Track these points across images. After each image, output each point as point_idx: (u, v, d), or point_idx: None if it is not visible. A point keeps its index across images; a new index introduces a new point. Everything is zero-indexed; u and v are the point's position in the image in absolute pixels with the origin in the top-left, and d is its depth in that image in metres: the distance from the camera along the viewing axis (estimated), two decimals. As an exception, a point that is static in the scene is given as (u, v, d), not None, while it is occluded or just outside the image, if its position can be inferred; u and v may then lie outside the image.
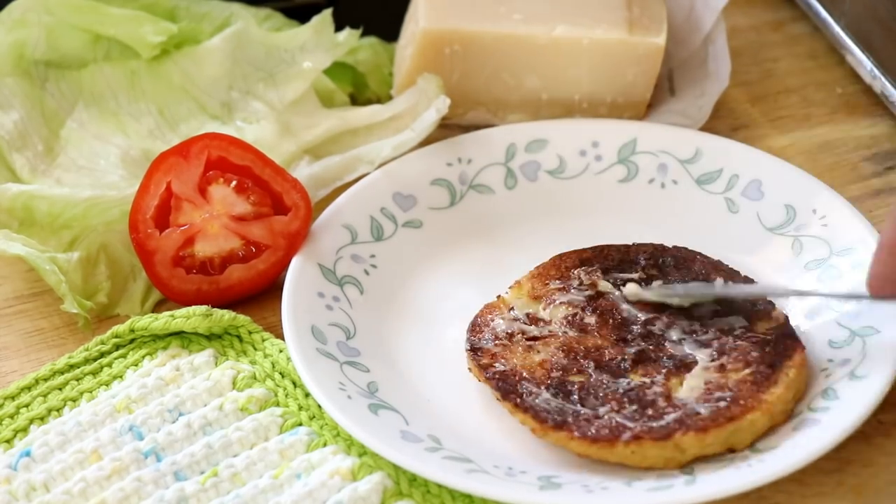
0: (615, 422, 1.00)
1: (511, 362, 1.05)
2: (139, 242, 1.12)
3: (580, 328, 1.07)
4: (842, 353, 1.04)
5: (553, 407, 1.01)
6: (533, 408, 1.01)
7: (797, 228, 1.14)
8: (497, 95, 1.25)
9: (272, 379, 1.07)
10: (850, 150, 1.28)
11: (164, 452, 1.02)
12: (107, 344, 1.10)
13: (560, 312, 1.09)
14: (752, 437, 1.00)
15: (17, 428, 1.04)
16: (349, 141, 1.24)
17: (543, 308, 1.09)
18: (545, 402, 1.02)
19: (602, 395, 1.02)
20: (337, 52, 1.26)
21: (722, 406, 1.00)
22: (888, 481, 1.00)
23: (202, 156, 1.13)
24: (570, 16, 1.23)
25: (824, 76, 1.36)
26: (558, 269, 1.12)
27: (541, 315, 1.09)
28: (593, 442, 0.99)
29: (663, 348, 1.05)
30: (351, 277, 1.13)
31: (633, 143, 1.22)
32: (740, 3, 1.42)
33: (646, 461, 0.99)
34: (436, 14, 1.22)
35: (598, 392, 1.02)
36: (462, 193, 1.20)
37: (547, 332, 1.07)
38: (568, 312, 1.09)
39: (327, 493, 0.98)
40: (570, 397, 1.02)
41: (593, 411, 1.01)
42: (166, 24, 1.25)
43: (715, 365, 1.03)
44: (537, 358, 1.05)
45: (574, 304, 1.09)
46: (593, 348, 1.06)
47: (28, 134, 1.22)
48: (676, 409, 1.00)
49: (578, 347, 1.06)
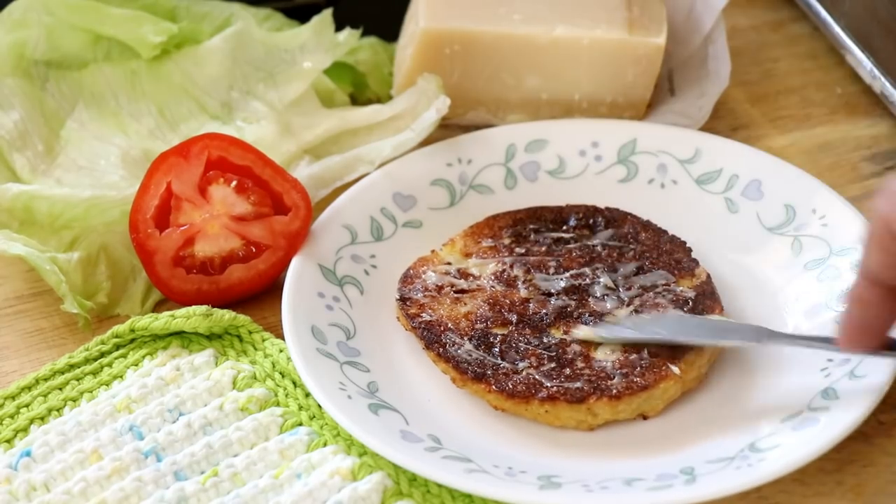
0: (532, 378, 1.03)
1: (437, 313, 1.08)
2: (139, 242, 1.12)
3: (507, 283, 1.10)
4: (841, 353, 1.04)
5: (474, 359, 1.05)
6: (454, 358, 1.05)
7: (797, 228, 1.14)
8: (497, 95, 1.25)
9: (272, 379, 1.07)
10: (849, 150, 1.28)
11: (165, 452, 1.02)
12: (107, 344, 1.10)
13: (489, 268, 1.12)
14: (664, 404, 1.04)
15: (17, 428, 1.04)
16: (349, 141, 1.24)
17: (474, 264, 1.12)
18: (467, 354, 1.05)
19: (523, 349, 1.05)
20: (337, 52, 1.26)
21: (636, 372, 1.03)
22: (888, 481, 1.00)
23: (202, 156, 1.13)
24: (570, 16, 1.23)
25: (824, 76, 1.36)
26: (491, 228, 1.16)
27: (471, 270, 1.12)
28: (509, 397, 1.02)
29: (586, 304, 1.08)
30: (351, 277, 1.13)
31: (632, 143, 1.22)
32: (740, 3, 1.42)
33: (558, 421, 1.03)
34: (436, 14, 1.22)
35: (520, 346, 1.06)
36: (462, 193, 1.20)
37: (475, 286, 1.11)
38: (497, 268, 1.12)
39: (327, 493, 0.98)
40: (491, 350, 1.05)
41: (512, 365, 1.04)
42: (166, 24, 1.25)
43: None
44: (463, 310, 1.09)
45: (503, 261, 1.12)
46: (518, 302, 1.09)
47: (28, 134, 1.22)
48: (592, 372, 1.03)
49: (504, 301, 1.09)
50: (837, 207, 1.14)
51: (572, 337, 1.06)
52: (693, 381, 1.05)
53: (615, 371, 1.03)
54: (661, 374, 1.03)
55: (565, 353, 1.05)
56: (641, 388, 1.02)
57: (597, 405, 1.02)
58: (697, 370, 1.05)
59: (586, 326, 1.06)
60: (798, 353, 1.06)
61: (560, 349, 1.05)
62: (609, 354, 1.05)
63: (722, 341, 1.05)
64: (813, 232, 1.14)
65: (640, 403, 1.03)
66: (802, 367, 1.05)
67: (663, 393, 1.03)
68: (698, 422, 1.04)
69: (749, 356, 1.08)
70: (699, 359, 1.04)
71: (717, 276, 1.12)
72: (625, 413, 1.03)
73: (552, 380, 1.03)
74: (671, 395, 1.04)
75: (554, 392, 1.02)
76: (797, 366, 1.06)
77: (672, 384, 1.03)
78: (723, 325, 1.06)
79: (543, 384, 1.03)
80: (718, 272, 1.13)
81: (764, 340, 1.03)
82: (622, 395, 1.02)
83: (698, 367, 1.05)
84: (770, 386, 1.05)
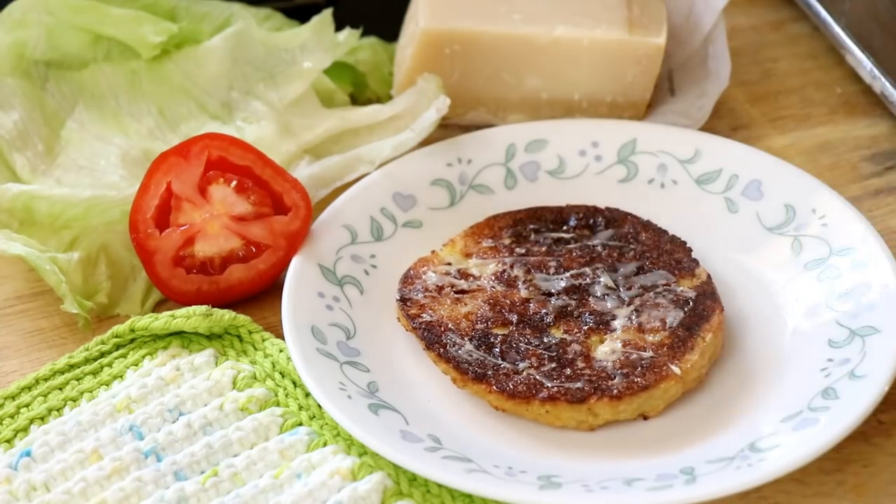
0: (533, 379, 1.03)
1: (438, 313, 1.08)
2: (139, 242, 1.12)
3: (508, 283, 1.10)
4: (842, 353, 1.04)
5: (474, 359, 1.05)
6: (455, 358, 1.05)
7: (797, 228, 1.14)
8: (497, 95, 1.25)
9: (272, 379, 1.07)
10: (849, 150, 1.28)
11: (165, 452, 1.02)
12: (107, 344, 1.10)
13: (489, 268, 1.12)
14: (665, 404, 1.04)
15: (17, 428, 1.04)
16: (349, 141, 1.24)
17: (474, 264, 1.12)
18: (467, 354, 1.05)
19: (523, 349, 1.05)
20: (337, 52, 1.26)
21: (637, 373, 1.03)
22: (888, 481, 1.00)
23: (202, 156, 1.13)
24: (570, 16, 1.23)
25: (824, 76, 1.36)
26: (491, 229, 1.16)
27: (471, 270, 1.12)
28: (510, 397, 1.02)
29: (586, 304, 1.09)
30: (351, 277, 1.13)
31: (632, 143, 1.22)
32: (740, 3, 1.42)
33: (559, 421, 1.03)
34: (436, 14, 1.22)
35: (520, 346, 1.06)
36: (462, 193, 1.20)
37: (475, 287, 1.11)
38: (497, 268, 1.12)
39: (327, 493, 0.98)
40: (492, 350, 1.05)
41: (513, 366, 1.04)
42: (166, 24, 1.25)
43: (634, 325, 1.06)
44: (464, 310, 1.09)
45: (503, 261, 1.12)
46: (518, 302, 1.09)
47: (28, 134, 1.22)
48: (593, 373, 1.03)
49: (504, 301, 1.09)
50: (837, 207, 1.14)
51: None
52: (693, 381, 1.05)
53: (616, 371, 1.04)
54: (661, 374, 1.03)
55: (566, 354, 1.05)
56: (642, 389, 1.02)
57: (597, 405, 1.02)
58: (697, 370, 1.05)
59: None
60: (798, 353, 1.06)
61: (560, 349, 1.05)
62: (609, 355, 1.05)
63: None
64: (813, 232, 1.14)
65: (640, 403, 1.03)
66: (802, 367, 1.05)
67: (664, 393, 1.03)
68: (698, 422, 1.04)
69: (749, 356, 1.08)
70: (699, 359, 1.05)
71: (717, 276, 1.12)
72: (625, 413, 1.03)
73: (553, 380, 1.03)
74: (672, 395, 1.04)
75: (554, 392, 1.02)
76: (797, 366, 1.06)
77: (672, 384, 1.03)
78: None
79: (544, 384, 1.03)
80: (718, 272, 1.14)
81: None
82: (623, 395, 1.02)
83: (698, 367, 1.05)
84: (770, 386, 1.05)
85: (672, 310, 1.07)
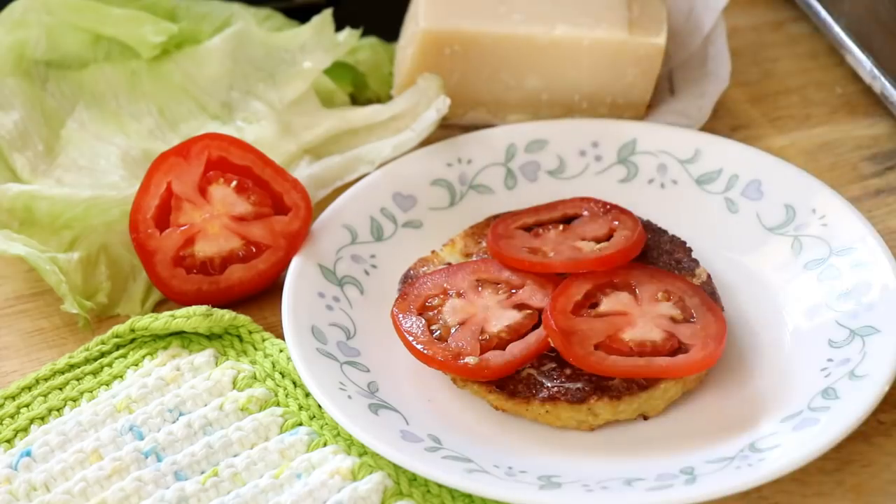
0: (533, 379, 1.03)
1: None
2: (139, 242, 1.12)
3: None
4: (842, 353, 1.04)
5: None
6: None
7: (797, 228, 1.14)
8: (497, 95, 1.25)
9: (272, 379, 1.07)
10: (849, 150, 1.28)
11: (165, 452, 1.02)
12: (107, 344, 1.10)
13: None
14: (665, 404, 1.04)
15: (17, 428, 1.04)
16: (349, 141, 1.24)
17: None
18: None
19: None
20: (337, 52, 1.26)
21: (637, 372, 1.02)
22: (888, 481, 1.01)
23: (202, 156, 1.13)
24: (571, 16, 1.23)
25: (824, 76, 1.36)
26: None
27: None
28: (510, 397, 1.03)
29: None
30: (351, 277, 1.13)
31: (632, 144, 1.22)
32: (740, 3, 1.42)
33: (559, 421, 1.03)
34: (436, 14, 1.22)
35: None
36: (462, 193, 1.20)
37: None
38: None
39: (327, 493, 0.99)
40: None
41: None
42: (166, 24, 1.25)
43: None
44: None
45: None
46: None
47: (28, 134, 1.22)
48: (593, 373, 1.03)
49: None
50: (837, 207, 1.14)
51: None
52: (693, 381, 1.05)
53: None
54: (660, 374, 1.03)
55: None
56: (642, 389, 1.02)
57: (597, 405, 1.02)
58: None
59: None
60: (798, 353, 1.06)
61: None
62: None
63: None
64: (813, 232, 1.14)
65: (640, 404, 1.03)
66: (802, 367, 1.05)
67: (664, 393, 1.03)
68: (698, 422, 1.04)
69: (749, 356, 1.08)
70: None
71: (717, 276, 1.13)
72: (625, 413, 1.03)
73: (553, 380, 1.03)
74: (671, 395, 1.04)
75: (555, 392, 1.02)
76: (797, 366, 1.06)
77: (672, 384, 1.03)
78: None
79: (544, 384, 1.03)
80: (718, 272, 1.14)
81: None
82: (623, 395, 1.02)
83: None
84: (770, 386, 1.05)
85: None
